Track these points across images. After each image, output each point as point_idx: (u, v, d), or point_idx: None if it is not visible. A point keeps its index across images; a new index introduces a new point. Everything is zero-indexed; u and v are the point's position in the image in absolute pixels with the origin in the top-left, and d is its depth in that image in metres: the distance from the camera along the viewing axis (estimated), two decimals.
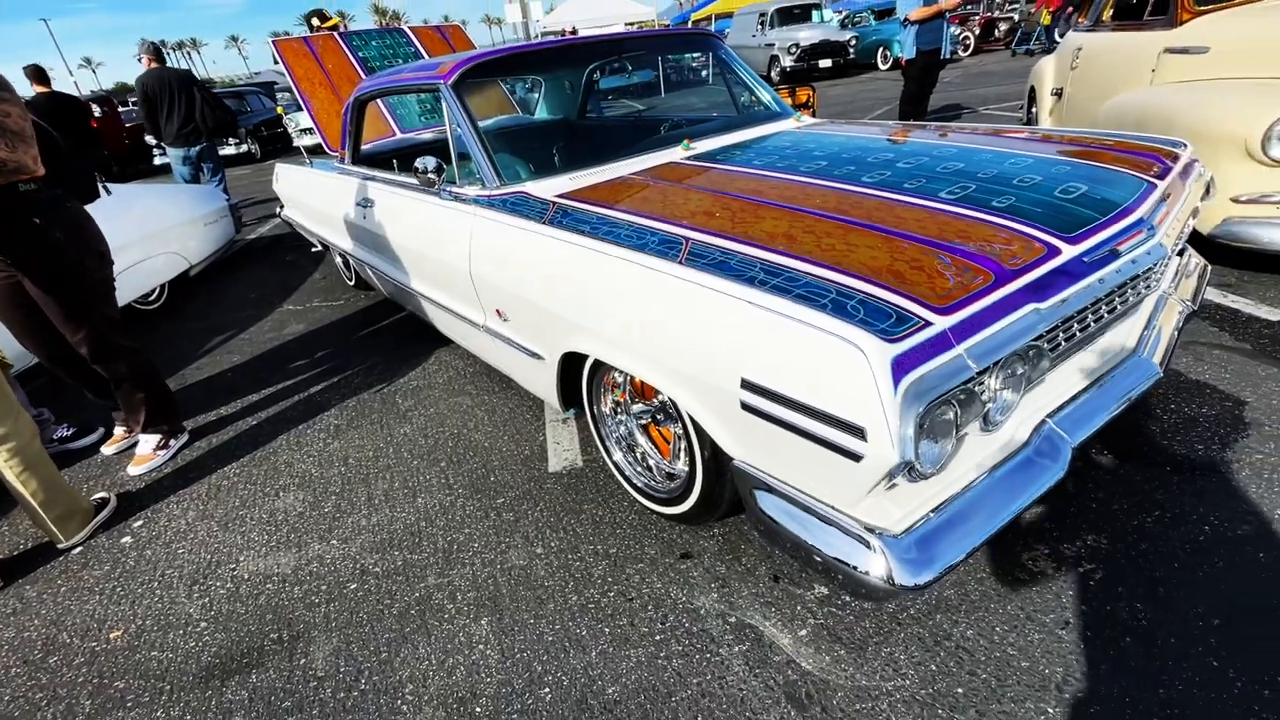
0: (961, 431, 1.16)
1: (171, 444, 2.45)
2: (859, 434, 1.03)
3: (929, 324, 1.07)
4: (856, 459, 1.05)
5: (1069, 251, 1.29)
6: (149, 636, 1.62)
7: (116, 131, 12.88)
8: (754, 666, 1.33)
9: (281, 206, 4.45)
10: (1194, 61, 3.22)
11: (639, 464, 1.83)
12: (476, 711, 1.32)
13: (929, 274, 1.20)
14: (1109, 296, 1.35)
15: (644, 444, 1.82)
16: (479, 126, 2.16)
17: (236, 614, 1.65)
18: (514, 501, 1.93)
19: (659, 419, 1.74)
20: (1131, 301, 1.47)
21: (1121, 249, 1.35)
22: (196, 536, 1.97)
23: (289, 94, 16.18)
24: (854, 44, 13.68)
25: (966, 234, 1.33)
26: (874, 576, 1.12)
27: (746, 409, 1.21)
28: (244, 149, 12.76)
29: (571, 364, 1.81)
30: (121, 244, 3.78)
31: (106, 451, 2.51)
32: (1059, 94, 4.83)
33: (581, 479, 1.99)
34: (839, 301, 1.13)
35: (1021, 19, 13.57)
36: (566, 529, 1.79)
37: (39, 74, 5.56)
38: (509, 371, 2.22)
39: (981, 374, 1.12)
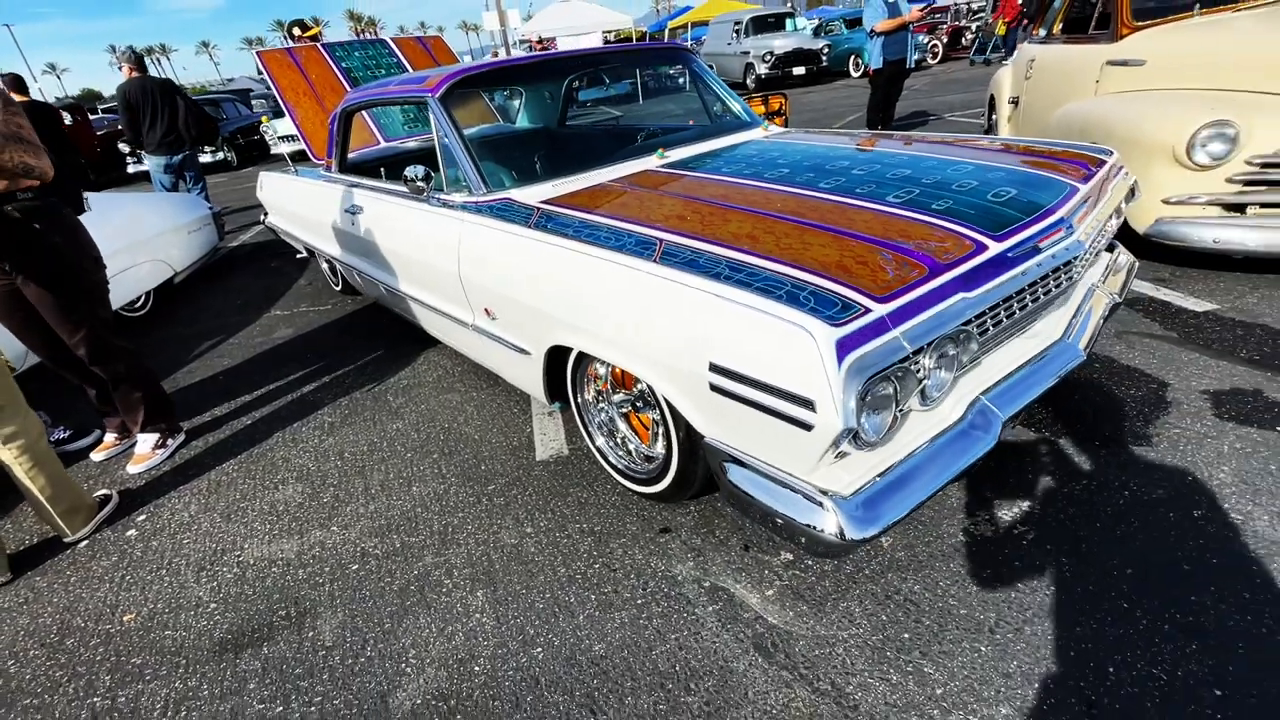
0: (901, 406, 1.32)
1: (169, 443, 2.54)
2: (809, 406, 1.18)
3: (869, 310, 1.23)
4: (808, 428, 1.21)
5: (995, 248, 1.46)
6: (162, 618, 1.72)
7: (88, 139, 12.72)
8: (726, 623, 1.48)
9: (265, 214, 4.53)
10: (1133, 73, 3.47)
11: (620, 448, 1.97)
12: (475, 670, 1.45)
13: (872, 268, 1.36)
14: (1031, 286, 1.53)
15: (624, 430, 1.97)
16: (466, 137, 2.30)
17: (245, 595, 1.76)
18: (504, 488, 2.06)
19: (638, 406, 1.89)
20: (1055, 291, 1.65)
21: (1042, 245, 1.53)
22: (200, 528, 2.07)
23: (264, 101, 16.11)
24: (827, 52, 14.03)
25: (907, 233, 1.50)
26: (827, 533, 1.27)
27: (715, 390, 1.36)
28: (220, 156, 12.68)
29: (556, 358, 1.95)
30: (106, 252, 3.84)
31: (96, 458, 2.56)
32: (1016, 102, 5.09)
33: (567, 466, 2.13)
34: (793, 293, 1.29)
35: (979, 29, 14.06)
36: (554, 510, 1.93)
37: (18, 83, 5.56)
38: (496, 368, 2.35)
39: (916, 354, 1.28)
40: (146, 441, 2.49)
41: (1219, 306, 2.58)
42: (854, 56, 14.10)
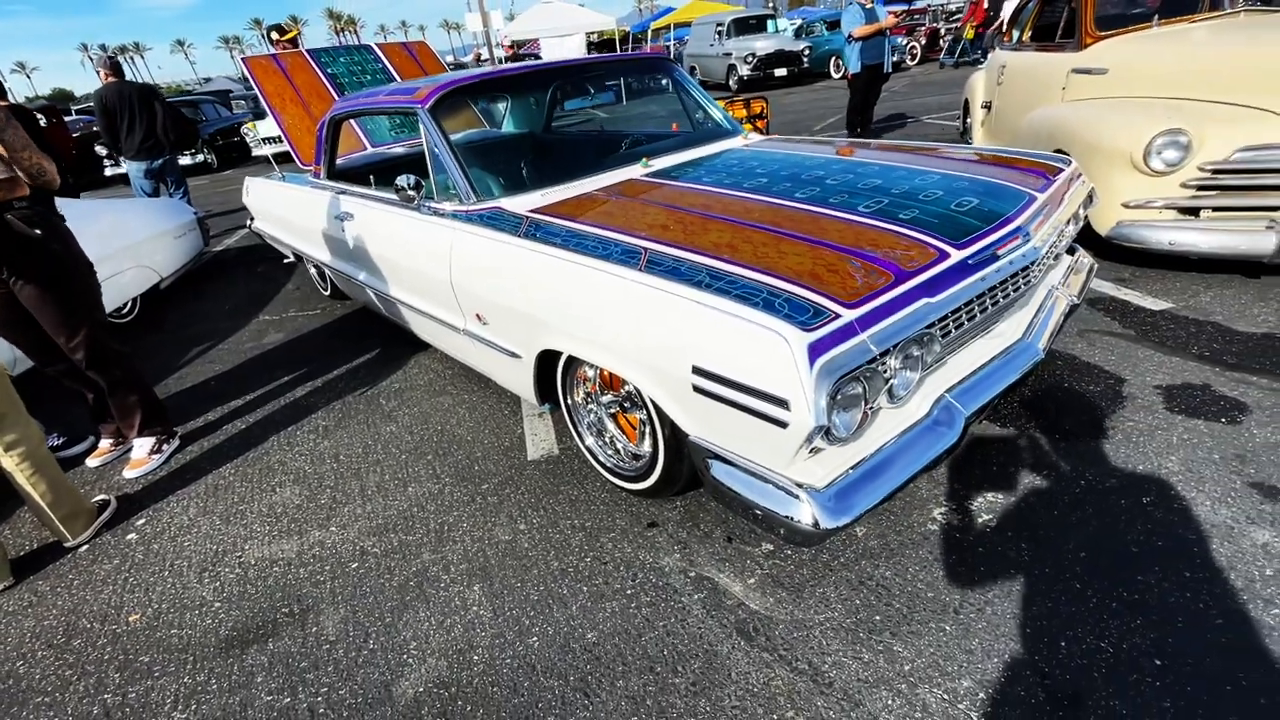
0: (870, 404, 1.42)
1: (165, 448, 2.58)
2: (784, 405, 1.28)
3: (839, 316, 1.33)
4: (784, 425, 1.30)
5: (957, 255, 1.57)
6: (167, 618, 1.78)
7: (64, 142, 12.49)
8: (710, 609, 1.58)
9: (252, 219, 4.55)
10: (1096, 81, 3.62)
11: (608, 446, 2.06)
12: (474, 659, 1.53)
13: (842, 276, 1.46)
14: (991, 291, 1.64)
15: (612, 429, 2.06)
16: (455, 148, 2.37)
17: (248, 594, 1.82)
18: (497, 487, 2.14)
19: (625, 407, 1.97)
20: (1014, 295, 1.76)
21: (1000, 253, 1.64)
22: (200, 530, 2.13)
23: (245, 102, 15.94)
24: (808, 54, 14.20)
25: (876, 242, 1.61)
26: (803, 523, 1.37)
27: (698, 390, 1.46)
28: (201, 159, 12.57)
29: (547, 361, 2.03)
30: (92, 259, 3.86)
31: (91, 464, 2.60)
32: (989, 107, 5.25)
33: (558, 465, 2.21)
34: (769, 300, 1.38)
35: (948, 33, 14.36)
36: (546, 508, 2.01)
37: None
38: (488, 371, 2.43)
39: (883, 356, 1.38)
40: (142, 446, 2.53)
41: (1174, 305, 2.72)
42: (834, 58, 14.28)
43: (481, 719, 1.39)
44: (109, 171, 12.29)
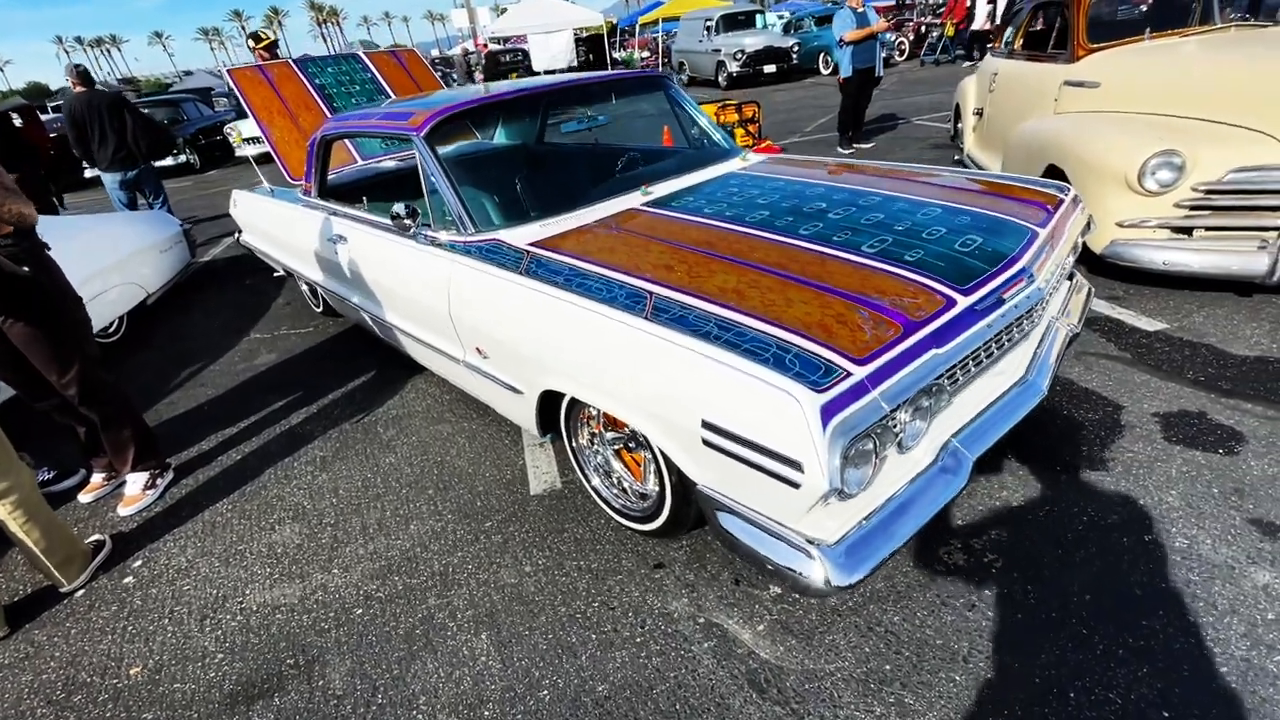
0: (880, 456, 1.42)
1: (159, 483, 2.54)
2: (797, 466, 1.28)
3: (850, 374, 1.33)
4: (796, 486, 1.30)
5: (963, 302, 1.57)
6: (169, 670, 1.76)
7: (41, 141, 12.21)
8: (721, 659, 1.58)
9: (240, 231, 4.48)
10: (1089, 94, 3.64)
11: (615, 487, 2.05)
12: (485, 715, 1.52)
13: (850, 328, 1.46)
14: (997, 336, 1.65)
15: (618, 469, 2.05)
16: (453, 177, 2.33)
17: (251, 644, 1.80)
18: (501, 524, 2.13)
19: (630, 446, 1.96)
20: (1017, 337, 1.77)
21: (1006, 296, 1.64)
22: (199, 573, 2.10)
23: (226, 99, 15.66)
24: (797, 50, 14.17)
25: (882, 288, 1.60)
26: (815, 580, 1.38)
27: (707, 444, 1.45)
28: (183, 159, 12.35)
29: (549, 398, 2.02)
30: (77, 277, 3.77)
31: (84, 499, 2.55)
32: (980, 113, 5.27)
33: (561, 500, 2.20)
34: (779, 355, 1.37)
35: (928, 31, 14.42)
36: (551, 548, 2.00)
37: None
38: (488, 400, 2.41)
39: (893, 411, 1.39)
40: (136, 482, 2.49)
41: (1168, 326, 2.75)
42: (823, 54, 14.27)
43: None
44: (89, 173, 12.00)
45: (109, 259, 4.08)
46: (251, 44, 5.77)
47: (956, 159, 5.62)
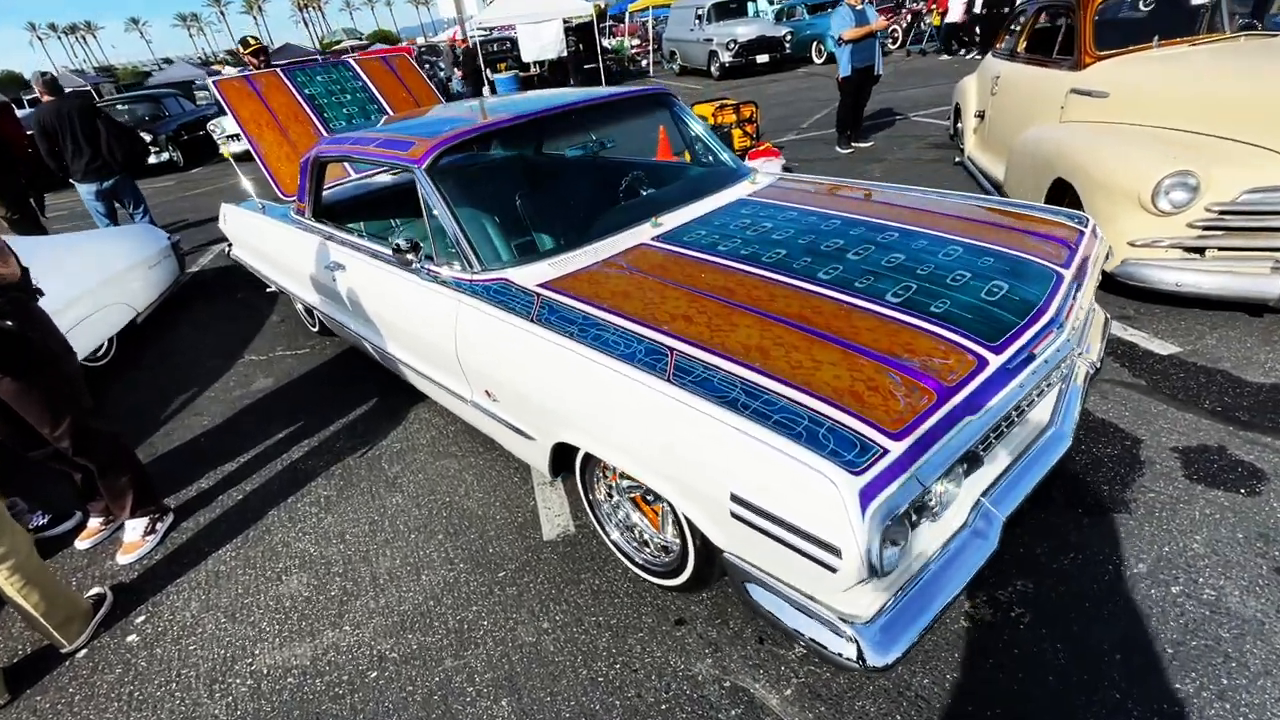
0: (915, 529, 1.39)
1: (159, 528, 2.47)
2: (835, 552, 1.24)
3: (886, 451, 1.29)
4: (834, 570, 1.26)
5: (995, 361, 1.53)
6: None
7: (17, 137, 11.88)
8: None
9: (230, 246, 4.37)
10: (1097, 104, 3.58)
11: (636, 540, 2.00)
12: None
13: (883, 395, 1.41)
14: (1028, 393, 1.61)
15: (637, 519, 2.00)
16: (457, 212, 2.25)
17: (263, 712, 1.75)
18: (515, 575, 2.08)
19: (648, 499, 1.92)
20: (1048, 390, 1.73)
21: (1036, 352, 1.60)
22: (205, 630, 2.04)
23: (208, 93, 15.29)
24: (789, 39, 14.00)
25: (912, 347, 1.55)
26: (850, 660, 1.34)
27: (736, 517, 1.41)
28: (165, 157, 12.07)
29: (563, 448, 1.96)
30: (64, 300, 3.67)
31: (81, 545, 2.47)
32: (981, 116, 5.20)
33: (576, 546, 2.16)
34: (811, 430, 1.33)
35: (914, 21, 14.32)
36: (568, 601, 1.96)
37: None
38: (497, 439, 2.35)
39: (930, 486, 1.35)
40: (135, 529, 2.42)
41: (1181, 349, 2.73)
42: (816, 43, 14.11)
43: None
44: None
45: (96, 278, 3.96)
46: (241, 49, 5.62)
47: (957, 160, 5.56)
